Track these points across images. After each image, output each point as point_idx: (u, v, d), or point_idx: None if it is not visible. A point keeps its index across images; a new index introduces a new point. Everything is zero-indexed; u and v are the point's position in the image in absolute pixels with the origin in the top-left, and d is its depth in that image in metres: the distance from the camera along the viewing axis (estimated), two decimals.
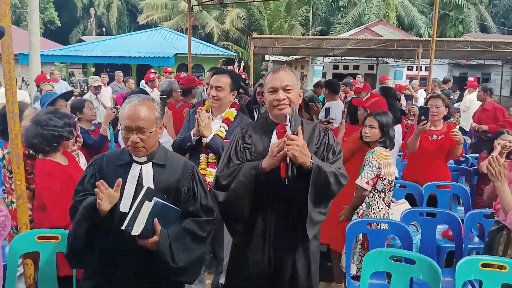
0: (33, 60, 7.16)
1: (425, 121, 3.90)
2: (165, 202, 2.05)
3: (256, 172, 2.13)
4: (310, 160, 2.06)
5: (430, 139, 4.23)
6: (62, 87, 8.73)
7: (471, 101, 8.44)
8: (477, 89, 7.56)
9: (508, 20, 32.59)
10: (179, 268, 2.08)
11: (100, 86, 7.51)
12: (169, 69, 10.08)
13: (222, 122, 3.26)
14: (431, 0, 28.52)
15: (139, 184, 2.10)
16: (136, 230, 1.95)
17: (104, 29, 37.96)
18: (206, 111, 3.26)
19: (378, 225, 3.16)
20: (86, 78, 21.17)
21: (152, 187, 2.08)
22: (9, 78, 2.53)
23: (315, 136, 2.29)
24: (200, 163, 3.18)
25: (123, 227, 1.93)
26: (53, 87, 5.89)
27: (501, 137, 4.32)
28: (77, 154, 3.18)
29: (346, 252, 3.14)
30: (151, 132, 2.06)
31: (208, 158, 3.20)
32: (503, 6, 32.60)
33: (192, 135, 3.18)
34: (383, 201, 3.28)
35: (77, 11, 38.07)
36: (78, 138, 3.14)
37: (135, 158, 2.14)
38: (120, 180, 2.01)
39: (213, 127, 3.19)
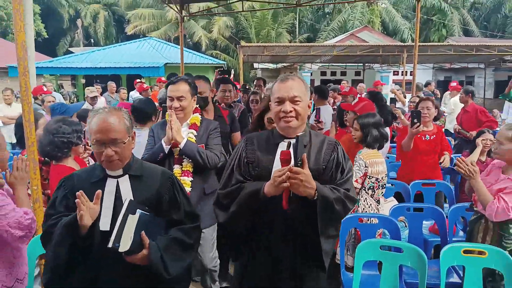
0: (29, 73, 7.28)
1: (418, 124, 4.15)
2: (149, 214, 1.99)
3: (257, 196, 2.01)
4: (314, 191, 1.95)
5: (423, 139, 4.51)
6: (56, 99, 8.87)
7: (455, 103, 8.76)
8: (460, 91, 7.90)
9: (490, 24, 33.35)
10: (173, 279, 2.01)
11: (96, 96, 7.67)
12: (163, 78, 10.29)
13: (189, 128, 3.17)
14: (414, 5, 29.13)
15: (118, 200, 2.00)
16: (124, 246, 1.85)
17: (92, 40, 37.97)
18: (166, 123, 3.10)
19: (368, 220, 3.40)
20: (75, 89, 21.21)
21: (133, 199, 1.99)
22: (25, 89, 2.74)
23: (324, 151, 2.15)
24: (175, 174, 2.97)
25: (109, 245, 1.82)
26: (54, 98, 6.05)
27: (482, 136, 4.62)
28: (88, 161, 3.37)
29: (340, 246, 3.37)
30: (124, 143, 1.98)
31: (182, 167, 3.10)
32: (485, 10, 33.35)
33: (163, 144, 3.05)
34: (372, 197, 3.52)
35: (63, 23, 38.05)
36: (87, 146, 3.31)
37: (109, 172, 2.05)
38: (99, 191, 1.92)
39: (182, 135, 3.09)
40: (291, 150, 1.98)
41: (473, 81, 23.61)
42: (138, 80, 11.40)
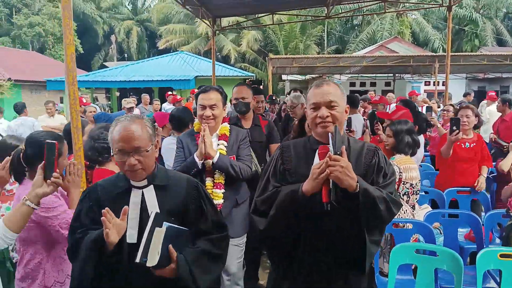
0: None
1: (457, 131, 4.14)
2: (176, 226, 1.91)
3: (296, 197, 1.92)
4: (355, 183, 1.83)
5: (463, 146, 4.50)
6: (97, 109, 9.21)
7: (491, 112, 8.69)
8: (497, 100, 7.79)
9: None
10: None
11: (132, 107, 7.95)
12: (196, 90, 10.55)
13: (219, 139, 3.11)
14: (445, 15, 28.77)
15: (143, 211, 1.96)
16: (152, 260, 1.80)
17: (125, 54, 39.12)
18: (197, 132, 3.07)
19: (404, 225, 3.41)
20: (109, 102, 21.83)
21: (159, 212, 1.93)
22: (74, 98, 2.90)
23: (363, 157, 2.07)
24: (207, 188, 2.97)
25: (137, 260, 1.78)
26: (96, 108, 6.32)
27: None
28: None
29: None
30: (148, 151, 1.93)
31: (214, 180, 3.04)
32: None
33: (196, 159, 2.96)
34: (407, 203, 3.53)
35: (98, 38, 39.51)
36: None
37: (133, 183, 2.00)
38: (126, 207, 1.87)
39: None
40: (330, 143, 1.88)
41: (508, 91, 22.98)
42: (169, 93, 11.71)
